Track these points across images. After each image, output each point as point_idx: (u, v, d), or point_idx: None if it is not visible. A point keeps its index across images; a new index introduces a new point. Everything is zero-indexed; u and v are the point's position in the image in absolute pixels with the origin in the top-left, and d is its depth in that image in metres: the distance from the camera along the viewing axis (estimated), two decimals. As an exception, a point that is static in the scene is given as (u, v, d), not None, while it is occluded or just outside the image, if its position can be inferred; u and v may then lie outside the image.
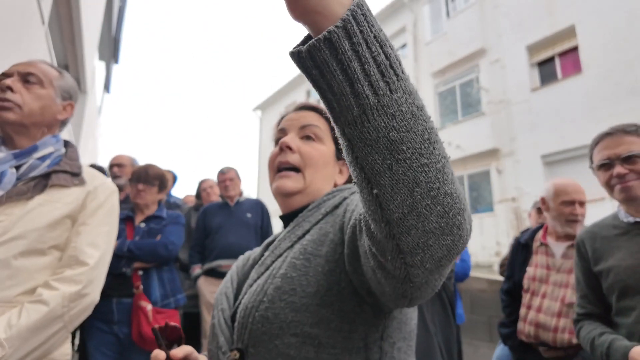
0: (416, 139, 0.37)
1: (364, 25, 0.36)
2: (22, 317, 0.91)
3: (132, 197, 2.13)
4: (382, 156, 0.37)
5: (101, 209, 1.13)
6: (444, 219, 0.39)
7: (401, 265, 0.41)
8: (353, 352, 0.57)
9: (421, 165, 0.37)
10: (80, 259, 1.04)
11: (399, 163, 0.37)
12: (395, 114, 0.36)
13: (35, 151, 1.08)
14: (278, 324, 0.57)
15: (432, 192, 0.38)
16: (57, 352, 1.02)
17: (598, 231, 1.33)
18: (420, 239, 0.39)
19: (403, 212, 0.38)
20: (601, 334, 1.21)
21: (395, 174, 0.37)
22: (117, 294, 1.91)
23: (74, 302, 1.00)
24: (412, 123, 0.37)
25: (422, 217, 0.38)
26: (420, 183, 0.37)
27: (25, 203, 1.00)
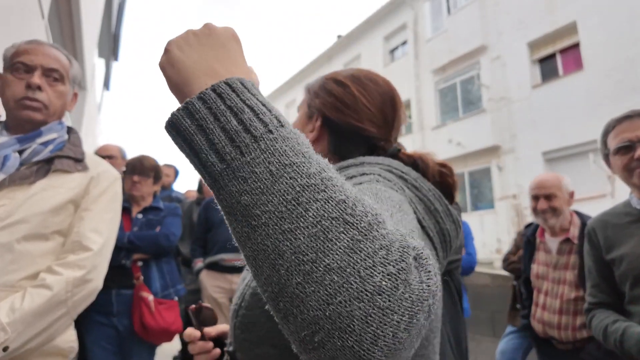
0: (273, 200, 0.32)
1: (212, 102, 0.36)
2: (25, 302, 0.90)
3: (128, 188, 2.10)
4: (240, 224, 0.33)
5: (104, 196, 1.13)
6: (330, 306, 0.29)
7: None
8: None
9: (283, 231, 0.31)
10: (84, 244, 1.04)
11: (256, 231, 0.32)
12: (247, 177, 0.33)
13: (40, 136, 1.07)
14: (256, 332, 0.53)
15: (303, 265, 0.30)
16: (61, 339, 1.01)
17: (609, 219, 1.31)
18: (303, 331, 0.30)
19: (273, 291, 0.31)
20: (614, 322, 1.19)
21: (254, 243, 0.32)
22: (116, 286, 1.88)
23: (78, 288, 0.99)
24: (268, 184, 0.32)
25: (297, 300, 0.30)
26: (283, 254, 0.31)
27: (28, 187, 0.99)
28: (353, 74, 0.71)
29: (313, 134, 0.70)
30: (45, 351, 0.98)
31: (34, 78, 1.06)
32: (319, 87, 0.72)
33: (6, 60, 1.09)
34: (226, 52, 0.42)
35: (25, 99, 1.06)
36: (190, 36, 0.43)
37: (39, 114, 1.07)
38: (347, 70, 0.72)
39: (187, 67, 0.40)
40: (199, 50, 0.42)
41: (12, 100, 1.05)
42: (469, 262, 2.74)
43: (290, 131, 0.36)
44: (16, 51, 1.09)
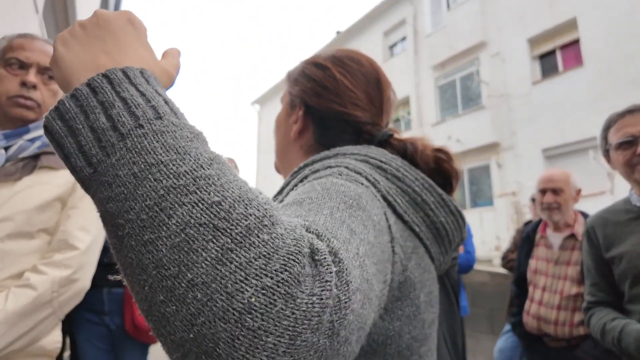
0: (135, 207, 0.28)
1: (84, 98, 0.32)
2: (8, 302, 0.88)
3: None
4: (110, 235, 0.29)
5: None
6: (194, 327, 0.25)
7: None
8: None
9: (144, 243, 0.27)
10: (70, 243, 1.01)
11: (122, 242, 0.28)
12: (111, 182, 0.29)
13: (27, 133, 1.06)
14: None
15: (164, 281, 0.26)
16: (46, 340, 0.99)
17: (609, 217, 1.29)
18: (174, 354, 0.27)
19: (144, 309, 0.28)
20: (613, 319, 1.18)
21: (121, 257, 0.29)
22: (107, 284, 1.85)
23: (64, 288, 0.97)
24: (131, 188, 0.28)
25: (163, 321, 0.26)
26: (146, 268, 0.27)
27: (13, 184, 0.97)
28: (334, 55, 0.66)
29: (297, 124, 0.65)
30: (31, 352, 0.95)
31: (30, 76, 1.05)
32: (299, 73, 0.67)
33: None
34: (116, 41, 0.38)
35: (20, 97, 1.04)
36: (77, 28, 0.38)
37: (31, 112, 1.06)
38: (328, 51, 0.67)
39: (68, 65, 0.36)
40: (84, 42, 0.37)
41: (5, 97, 1.04)
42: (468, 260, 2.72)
43: (170, 123, 0.31)
44: (10, 45, 1.07)
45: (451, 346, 1.35)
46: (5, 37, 1.10)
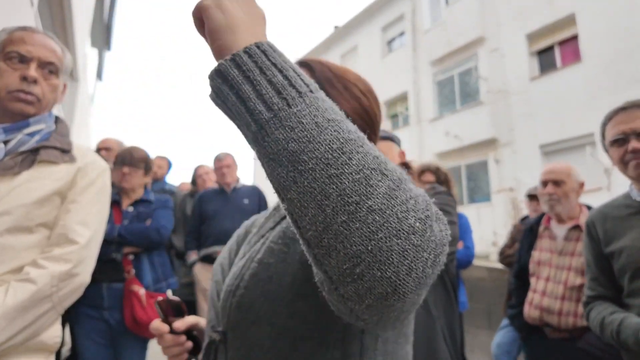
0: (320, 148, 0.36)
1: (258, 57, 0.40)
2: (8, 296, 0.88)
3: (118, 180, 2.06)
4: (286, 169, 0.36)
5: (92, 187, 1.10)
6: (372, 241, 0.33)
7: (339, 299, 0.37)
8: (330, 346, 0.53)
9: (329, 175, 0.35)
10: (70, 238, 1.01)
11: (303, 175, 0.35)
12: (294, 127, 0.37)
13: (27, 127, 1.05)
14: (254, 312, 0.54)
15: (347, 206, 0.34)
16: (46, 335, 0.99)
17: (609, 211, 1.30)
18: (345, 264, 0.34)
19: (317, 230, 0.35)
20: (612, 313, 1.18)
21: (300, 186, 0.36)
22: (107, 279, 1.86)
23: (64, 282, 0.97)
24: (315, 134, 0.36)
25: (341, 237, 0.34)
26: (329, 196, 0.34)
27: (11, 178, 0.96)
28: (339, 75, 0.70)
29: None
30: (31, 347, 0.95)
31: (31, 71, 1.03)
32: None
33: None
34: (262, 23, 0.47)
35: (20, 92, 1.03)
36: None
37: (31, 107, 1.05)
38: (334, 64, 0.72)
39: (235, 18, 0.43)
40: (243, 10, 0.45)
41: (5, 91, 1.02)
42: (467, 255, 2.72)
43: (325, 96, 0.41)
44: (10, 38, 1.05)
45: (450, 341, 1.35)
46: (5, 29, 1.09)
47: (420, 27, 12.31)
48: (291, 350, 0.53)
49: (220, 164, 3.03)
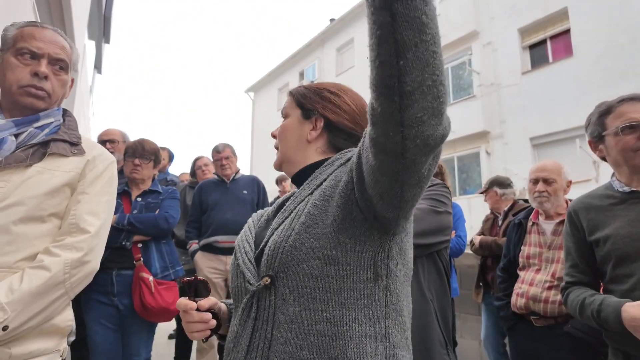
0: (435, 29, 0.51)
1: None
2: (23, 282, 0.92)
3: (129, 172, 2.13)
4: (414, 33, 0.49)
5: (100, 179, 1.13)
6: (436, 101, 0.53)
7: (399, 139, 0.54)
8: (365, 268, 0.70)
9: (433, 51, 0.51)
10: (81, 227, 1.05)
11: (422, 43, 0.50)
12: (427, 2, 0.50)
13: (37, 121, 1.08)
14: (304, 250, 0.70)
15: (434, 76, 0.51)
16: (59, 318, 1.03)
17: (591, 202, 1.34)
18: (418, 113, 0.52)
19: (413, 87, 0.51)
20: (592, 295, 1.23)
21: (418, 50, 0.50)
22: (116, 266, 1.93)
23: (75, 269, 1.00)
24: (433, 15, 0.51)
25: (424, 95, 0.51)
26: (429, 65, 0.51)
27: (23, 170, 1.00)
28: (341, 87, 0.91)
29: (315, 131, 0.87)
30: (44, 330, 1.00)
31: (42, 67, 1.06)
32: (316, 95, 0.89)
33: (6, 41, 1.08)
34: None
35: (31, 87, 1.06)
36: None
37: (42, 102, 1.08)
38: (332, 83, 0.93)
39: None
40: None
41: (16, 85, 1.05)
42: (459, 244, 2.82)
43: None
44: (20, 34, 1.07)
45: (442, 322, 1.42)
46: (14, 24, 1.11)
47: (414, 20, 12.29)
48: (336, 274, 0.69)
49: (219, 155, 3.05)
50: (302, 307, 0.69)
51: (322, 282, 0.69)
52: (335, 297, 0.68)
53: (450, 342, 1.41)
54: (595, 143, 1.35)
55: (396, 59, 0.50)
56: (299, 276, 0.70)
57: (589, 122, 1.38)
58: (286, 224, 0.75)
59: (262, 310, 0.72)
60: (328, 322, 0.68)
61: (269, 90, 19.08)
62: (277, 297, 0.71)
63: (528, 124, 9.22)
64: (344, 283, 0.69)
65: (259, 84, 19.82)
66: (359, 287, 0.70)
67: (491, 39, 10.27)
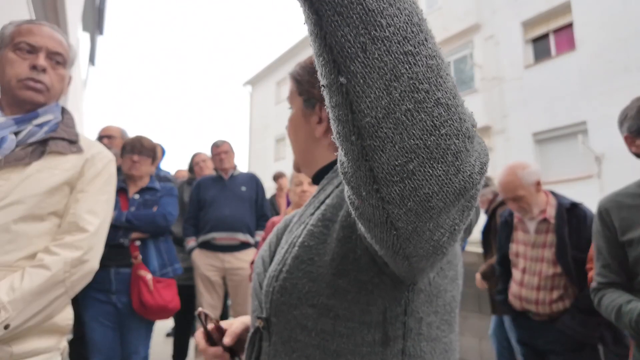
0: (400, 16, 0.30)
1: None
2: (24, 281, 0.93)
3: (127, 168, 2.11)
4: (356, 30, 0.29)
5: (99, 177, 1.14)
6: (432, 136, 0.31)
7: (377, 203, 0.34)
8: (371, 327, 0.52)
9: (404, 53, 0.30)
10: (80, 226, 1.05)
11: (375, 43, 0.29)
12: None
13: (36, 118, 1.08)
14: (296, 294, 0.55)
15: (416, 93, 0.30)
16: (59, 317, 1.04)
17: (623, 200, 1.30)
18: (398, 159, 0.31)
19: (377, 116, 0.30)
20: (629, 302, 1.19)
21: (370, 57, 0.29)
22: (115, 264, 1.92)
23: (75, 268, 1.01)
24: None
25: (401, 127, 0.30)
26: (400, 77, 0.30)
27: (23, 169, 1.00)
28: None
29: (321, 124, 0.68)
30: (45, 328, 1.01)
31: (40, 60, 1.07)
32: (311, 75, 0.69)
33: (4, 38, 1.08)
34: None
35: (30, 80, 1.06)
36: None
37: (41, 96, 1.08)
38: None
39: None
40: None
41: (15, 79, 1.05)
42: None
43: None
44: (18, 30, 1.07)
45: None
46: (12, 22, 1.11)
47: (416, 13, 12.20)
48: (333, 331, 0.53)
49: (218, 150, 3.05)
50: None
51: (317, 339, 0.54)
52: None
53: None
54: (632, 138, 1.31)
55: (336, 77, 0.31)
56: (291, 325, 0.55)
57: (626, 116, 1.34)
58: (281, 254, 0.60)
59: (263, 354, 0.60)
60: None
61: (267, 84, 18.98)
62: (270, 345, 0.58)
63: (530, 118, 9.18)
64: (343, 344, 0.52)
65: (257, 77, 19.72)
66: (363, 351, 0.52)
67: (493, 32, 10.18)
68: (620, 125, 1.37)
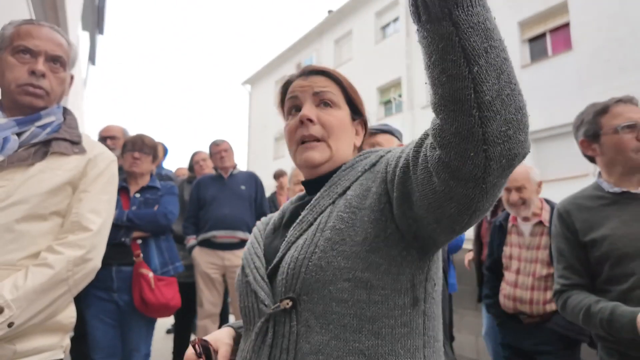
0: (500, 35, 0.47)
1: None
2: (28, 280, 0.93)
3: (128, 165, 2.12)
4: (481, 39, 0.45)
5: (101, 177, 1.14)
6: (519, 113, 0.47)
7: (482, 160, 0.47)
8: (402, 293, 0.63)
9: (504, 58, 0.47)
10: (83, 225, 1.06)
11: (492, 49, 0.46)
12: (487, 7, 0.47)
13: (38, 120, 1.08)
14: (331, 271, 0.61)
15: (511, 85, 0.47)
16: (62, 315, 1.05)
17: (582, 202, 1.34)
18: (502, 127, 0.46)
19: (492, 95, 0.45)
20: (597, 302, 1.19)
21: (489, 57, 0.45)
22: (116, 263, 1.93)
23: (78, 267, 1.02)
24: (495, 23, 0.47)
25: (505, 105, 0.46)
26: (504, 71, 0.46)
27: (26, 169, 1.01)
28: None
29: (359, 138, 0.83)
30: (48, 326, 1.01)
31: (39, 65, 1.06)
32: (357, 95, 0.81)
33: (3, 39, 1.07)
34: None
35: (29, 86, 1.05)
36: None
37: (40, 100, 1.08)
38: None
39: None
40: None
41: (14, 84, 1.05)
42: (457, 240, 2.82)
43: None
44: (17, 32, 1.06)
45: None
46: (11, 22, 1.10)
47: (414, 13, 12.21)
48: (368, 299, 0.61)
49: (218, 148, 3.07)
50: (330, 336, 0.61)
51: (354, 308, 0.61)
52: (369, 326, 0.61)
53: (447, 336, 1.43)
54: (589, 142, 1.35)
55: (468, 68, 0.45)
56: (326, 300, 0.61)
57: (582, 121, 1.38)
58: (307, 238, 0.66)
59: (281, 337, 0.64)
60: (361, 354, 0.60)
61: (266, 83, 18.97)
62: (299, 323, 0.63)
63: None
64: (378, 310, 0.61)
65: (256, 77, 19.71)
66: (396, 314, 0.62)
67: (491, 32, 10.21)
68: (576, 130, 1.40)
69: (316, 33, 16.17)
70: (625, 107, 1.28)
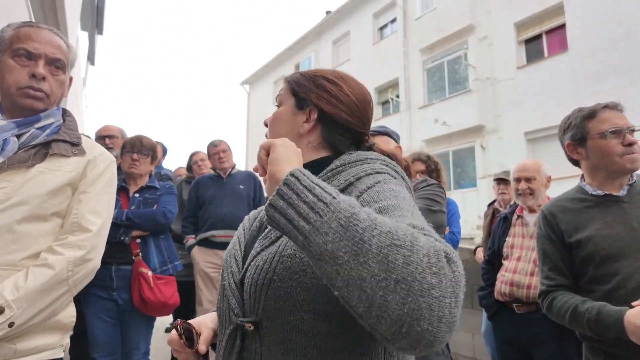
0: (349, 243, 0.46)
1: (293, 184, 0.52)
2: (28, 280, 0.94)
3: (127, 166, 2.14)
4: (329, 265, 0.46)
5: (101, 178, 1.15)
6: (405, 305, 0.42)
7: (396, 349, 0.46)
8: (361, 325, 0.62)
9: (360, 263, 0.45)
10: (84, 226, 1.07)
11: (342, 267, 0.45)
12: (327, 232, 0.47)
13: (38, 122, 1.09)
14: (291, 301, 0.61)
15: (380, 283, 0.43)
16: (62, 314, 1.06)
17: (566, 205, 1.38)
18: (393, 327, 0.43)
19: (365, 306, 0.44)
20: (584, 302, 1.21)
21: (343, 276, 0.45)
22: (115, 262, 1.95)
23: (78, 267, 1.03)
24: (342, 233, 0.46)
25: (384, 308, 0.43)
26: (365, 278, 0.44)
27: (26, 170, 1.02)
28: (340, 74, 0.81)
29: (308, 124, 0.78)
30: (48, 326, 1.02)
31: (39, 68, 1.07)
32: (311, 83, 0.79)
33: (3, 42, 1.08)
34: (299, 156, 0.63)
35: (29, 88, 1.06)
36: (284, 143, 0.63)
37: (41, 103, 1.08)
38: (331, 70, 0.83)
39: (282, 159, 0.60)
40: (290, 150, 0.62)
41: (14, 87, 1.05)
42: (453, 240, 2.85)
43: (343, 196, 0.52)
44: (16, 34, 1.07)
45: None
46: (10, 25, 1.10)
47: (411, 14, 12.28)
48: (328, 332, 0.60)
49: (216, 149, 3.07)
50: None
51: (314, 340, 0.60)
52: (330, 357, 0.60)
53: None
54: (575, 145, 1.39)
55: (332, 288, 0.47)
56: (287, 329, 0.61)
57: (569, 125, 1.40)
58: (267, 258, 0.65)
59: (248, 351, 0.65)
60: None
61: (265, 83, 18.98)
62: (263, 346, 0.63)
63: (523, 118, 9.28)
64: (339, 341, 0.60)
65: (254, 77, 19.71)
66: (355, 344, 0.61)
67: (487, 33, 10.27)
68: (563, 134, 1.43)
69: (314, 34, 16.19)
70: (611, 112, 1.31)
